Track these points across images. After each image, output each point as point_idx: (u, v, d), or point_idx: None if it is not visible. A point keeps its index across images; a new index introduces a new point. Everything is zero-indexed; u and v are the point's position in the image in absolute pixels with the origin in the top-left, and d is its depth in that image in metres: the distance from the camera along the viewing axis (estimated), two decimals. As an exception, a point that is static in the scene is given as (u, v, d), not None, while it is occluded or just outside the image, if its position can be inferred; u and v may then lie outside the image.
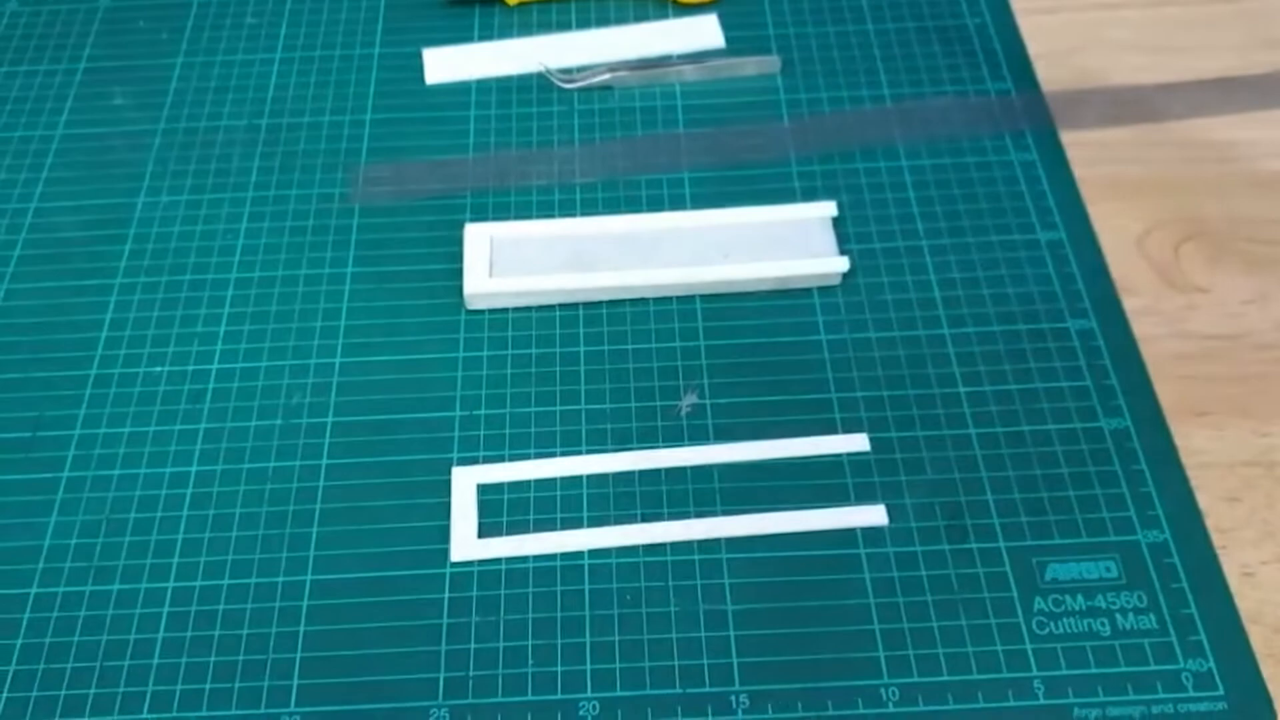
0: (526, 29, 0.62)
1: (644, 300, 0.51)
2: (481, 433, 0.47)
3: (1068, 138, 0.56)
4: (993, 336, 0.49)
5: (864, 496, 0.45)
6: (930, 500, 0.45)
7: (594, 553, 0.44)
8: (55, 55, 0.62)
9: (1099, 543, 0.44)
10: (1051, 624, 0.42)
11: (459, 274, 0.51)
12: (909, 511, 0.44)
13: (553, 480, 0.45)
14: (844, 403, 0.47)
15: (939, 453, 0.46)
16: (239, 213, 0.55)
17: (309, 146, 0.57)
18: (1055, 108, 0.57)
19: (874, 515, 0.44)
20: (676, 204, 0.54)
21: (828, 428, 0.46)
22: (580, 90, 0.58)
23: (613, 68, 0.58)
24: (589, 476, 0.45)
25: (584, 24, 0.62)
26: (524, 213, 0.53)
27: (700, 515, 0.44)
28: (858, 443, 0.46)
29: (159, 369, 0.49)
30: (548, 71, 0.59)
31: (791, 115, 0.57)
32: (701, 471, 0.46)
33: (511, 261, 0.51)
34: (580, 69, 0.59)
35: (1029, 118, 0.57)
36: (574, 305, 0.51)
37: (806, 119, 0.57)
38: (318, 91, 0.59)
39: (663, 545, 0.44)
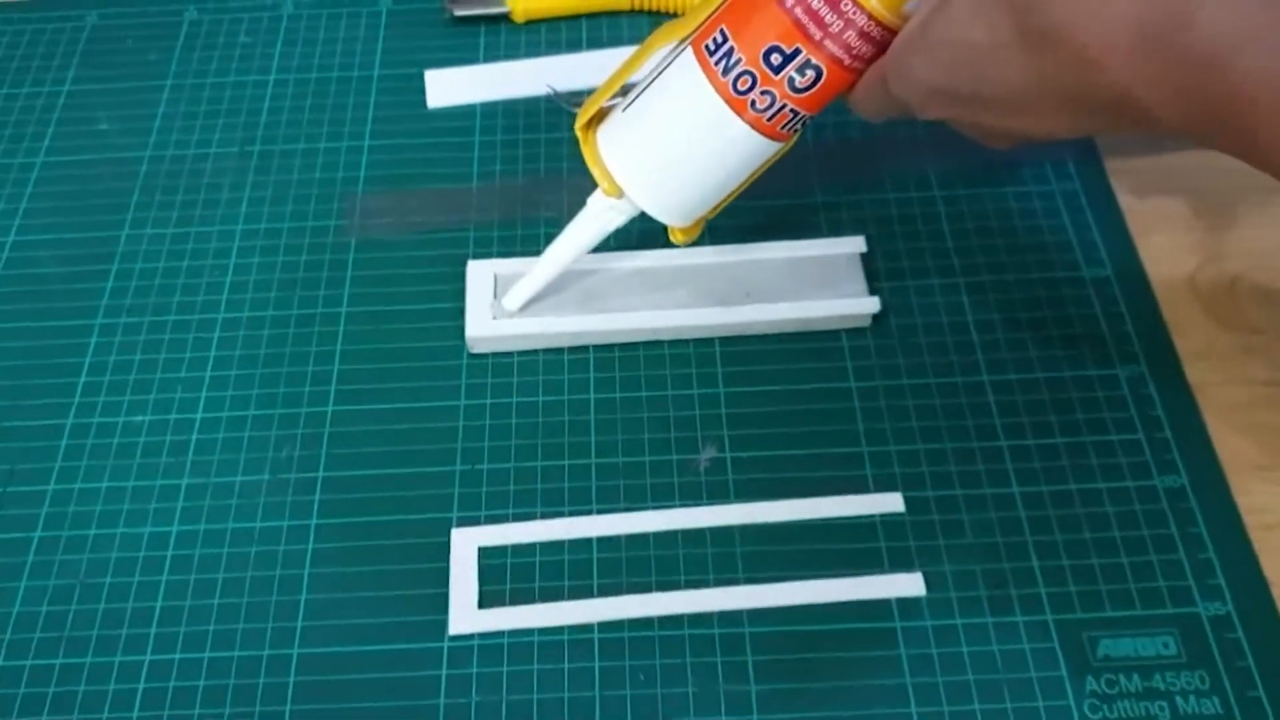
0: (535, 49, 0.59)
1: (659, 343, 0.47)
2: (484, 489, 0.44)
3: (1113, 165, 0.52)
4: (1036, 384, 0.45)
5: (899, 563, 0.41)
6: (971, 567, 0.41)
7: (605, 625, 0.40)
8: (38, 77, 0.59)
9: (1155, 615, 0.40)
10: (1105, 707, 0.38)
11: (461, 314, 0.47)
12: (948, 580, 0.41)
13: (560, 543, 0.42)
14: (876, 457, 0.44)
15: (980, 514, 0.42)
16: (228, 247, 0.51)
17: (303, 175, 0.54)
18: (1101, 137, 0.53)
19: (910, 584, 0.41)
20: (695, 242, 0.50)
21: (859, 485, 0.43)
22: (591, 115, 0.54)
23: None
24: (599, 539, 0.42)
25: (596, 43, 0.59)
26: (531, 247, 0.49)
27: (720, 583, 0.41)
28: (892, 502, 0.42)
29: (140, 418, 0.46)
30: (557, 95, 0.55)
31: (817, 141, 0.54)
32: (721, 534, 0.42)
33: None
34: (590, 92, 0.55)
35: (1070, 144, 0.53)
36: (584, 349, 0.47)
37: (832, 145, 0.54)
38: (313, 116, 0.56)
39: (680, 617, 0.40)
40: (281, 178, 0.54)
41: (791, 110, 0.40)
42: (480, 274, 0.48)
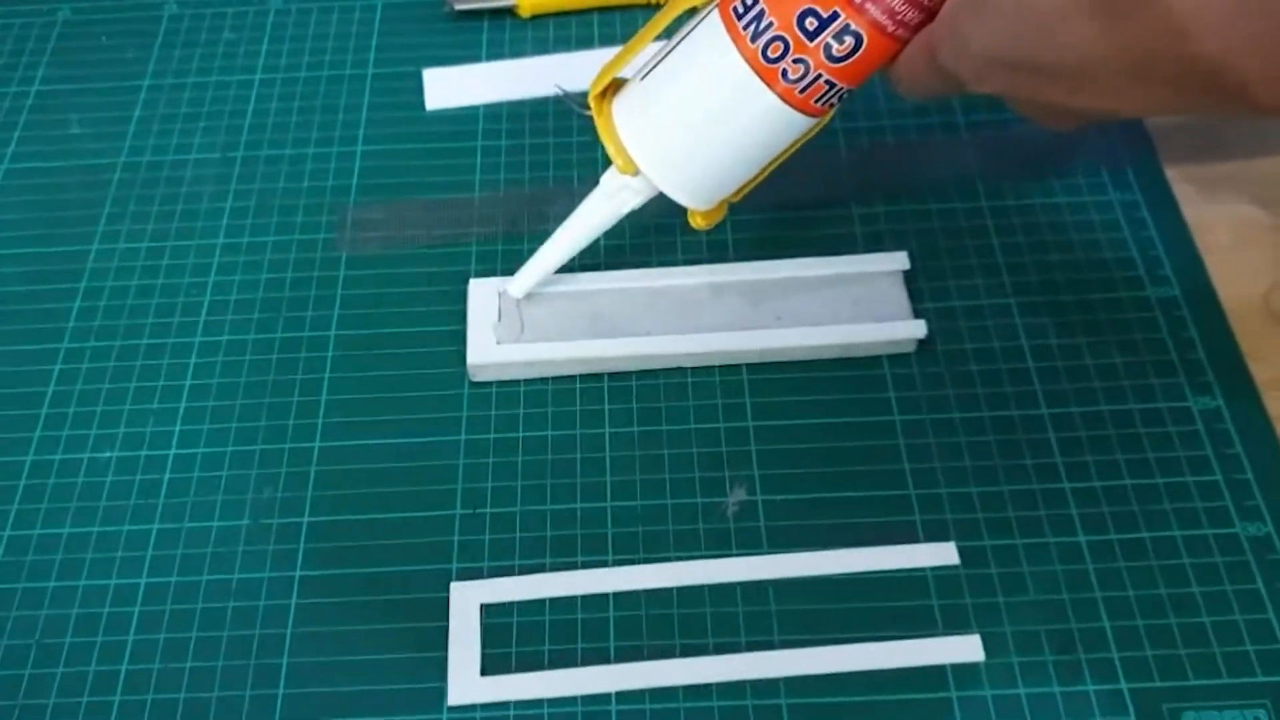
0: (542, 46, 0.54)
1: (681, 371, 0.43)
2: (487, 537, 0.39)
3: (1175, 173, 0.48)
4: (1100, 418, 0.41)
5: (954, 623, 0.37)
6: (1034, 628, 0.37)
7: (623, 695, 0.36)
8: (4, 75, 0.54)
9: (1244, 684, 0.35)
10: (1192, 792, 0.34)
11: (462, 338, 0.43)
12: (1009, 642, 0.36)
13: (573, 599, 0.38)
14: (925, 501, 0.39)
15: (1043, 566, 0.38)
16: (207, 263, 0.47)
17: (290, 184, 0.49)
18: (1158, 137, 0.49)
19: (967, 648, 0.36)
20: (718, 254, 0.46)
21: (906, 534, 0.38)
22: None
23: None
24: (616, 595, 0.38)
25: (608, 40, 0.54)
26: (539, 264, 0.45)
27: (753, 647, 0.36)
28: (944, 554, 0.38)
29: (107, 455, 0.42)
30: (567, 96, 0.51)
31: (850, 145, 0.49)
32: (754, 590, 0.38)
33: (524, 324, 0.43)
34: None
35: (1128, 149, 0.49)
36: (598, 377, 0.43)
37: (866, 148, 0.49)
38: (302, 119, 0.52)
39: (707, 687, 0.36)
40: (266, 186, 0.49)
41: (827, 82, 0.35)
42: (483, 293, 0.44)
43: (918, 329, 0.42)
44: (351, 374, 0.43)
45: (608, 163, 0.39)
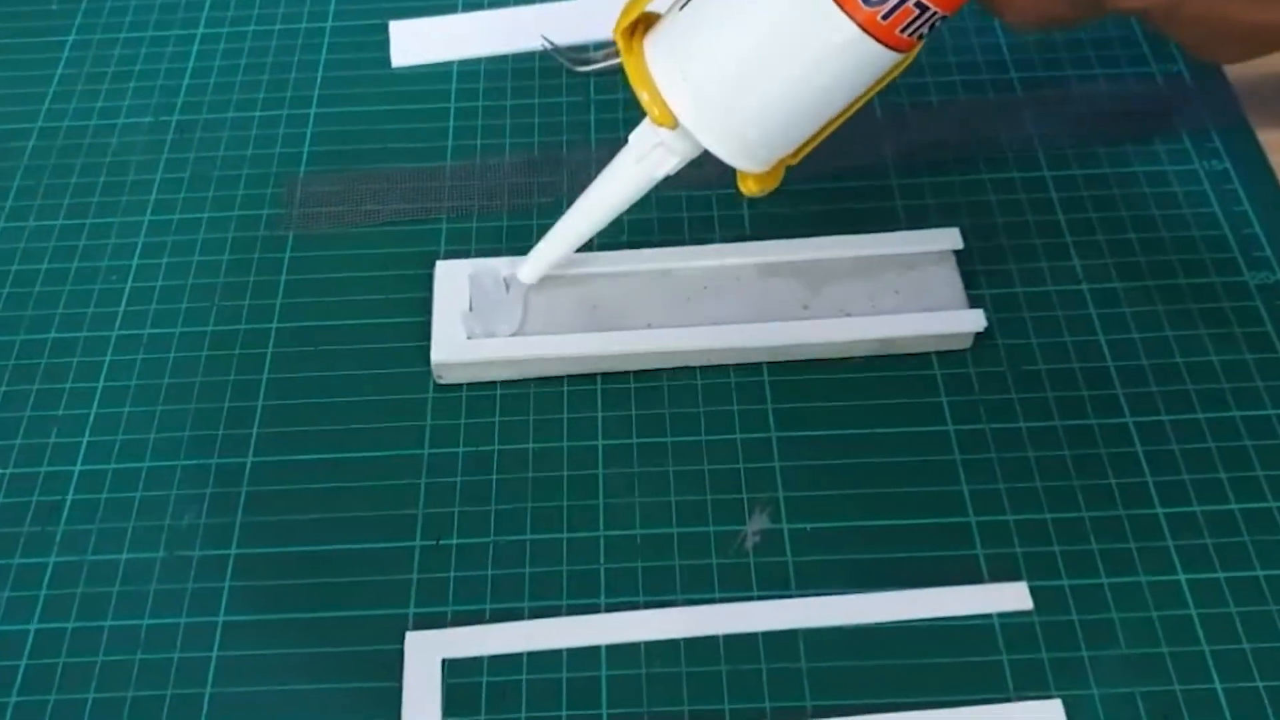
0: (527, -7, 0.48)
1: (689, 371, 0.36)
2: (452, 574, 0.33)
3: (1269, 138, 0.41)
4: (1196, 429, 0.34)
5: (1028, 682, 0.30)
6: (1128, 689, 0.30)
7: (619, 777, 0.29)
8: (-93, 31, 0.47)
9: (1395, 763, 0.28)
10: None
11: (427, 332, 0.36)
12: (1098, 708, 0.30)
13: (556, 654, 0.31)
14: (988, 531, 0.32)
15: (1137, 612, 0.31)
16: (130, 244, 0.40)
17: (231, 152, 0.43)
18: (1247, 97, 0.42)
19: (1045, 714, 0.29)
20: (731, 231, 0.39)
21: (967, 572, 0.32)
22: (598, 75, 0.44)
23: None
24: (610, 649, 0.31)
25: (604, -14, 0.47)
26: (521, 243, 0.39)
27: (780, 716, 0.29)
28: (1014, 596, 0.31)
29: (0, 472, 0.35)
30: (555, 50, 0.44)
31: (886, 105, 0.42)
32: (779, 641, 0.31)
33: (501, 315, 0.36)
34: (598, 46, 0.44)
35: (1213, 111, 0.42)
36: (589, 378, 0.36)
37: (908, 111, 0.43)
38: (249, 79, 0.45)
39: (724, 766, 0.29)
40: (204, 155, 0.43)
41: (918, 4, 0.28)
42: (451, 278, 0.37)
43: (975, 320, 0.35)
44: (294, 375, 0.37)
45: (601, 130, 0.32)
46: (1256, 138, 0.41)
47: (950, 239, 0.37)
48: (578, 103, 0.44)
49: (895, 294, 0.36)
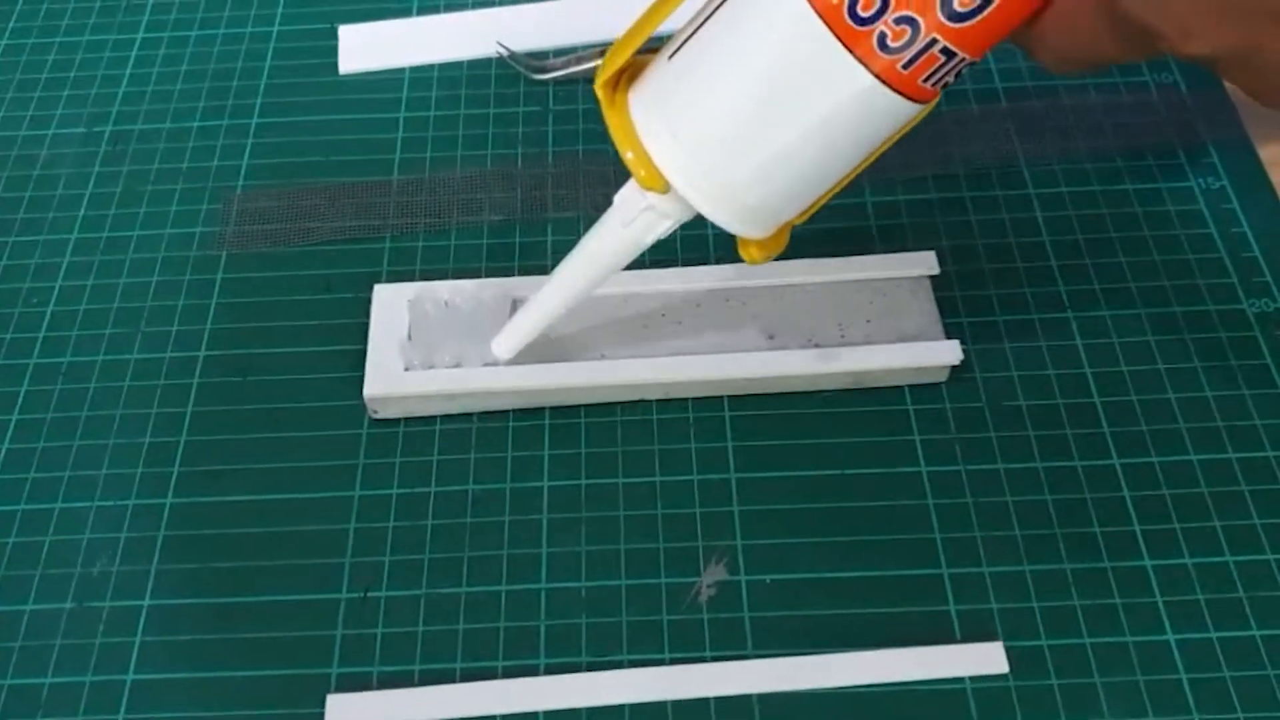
0: (484, -4, 0.45)
1: (644, 405, 0.34)
2: (380, 631, 0.30)
3: (1270, 154, 0.38)
4: (1189, 471, 0.32)
5: (1003, 759, 0.27)
6: (1115, 765, 0.27)
7: None
8: None
9: None
10: None
11: (364, 362, 0.33)
12: (1080, 786, 0.27)
13: (490, 721, 0.28)
14: (962, 584, 0.30)
15: (1122, 676, 0.29)
16: (53, 264, 0.38)
17: (166, 165, 0.40)
18: (1246, 110, 0.39)
19: (1021, 794, 0.27)
20: (694, 253, 0.36)
21: (938, 629, 0.29)
22: (557, 83, 0.41)
23: (603, 50, 0.40)
24: (548, 715, 0.28)
25: (567, -11, 0.45)
26: (470, 264, 0.36)
27: (731, 792, 0.27)
28: (989, 658, 0.29)
29: (-103, 513, 0.32)
30: (511, 57, 0.41)
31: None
32: (733, 708, 0.28)
33: (442, 343, 0.33)
34: (557, 53, 0.42)
35: (1210, 124, 0.39)
36: (536, 413, 0.34)
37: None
38: (188, 86, 0.43)
39: None
40: (137, 168, 0.40)
41: (944, 51, 0.25)
42: (390, 304, 0.35)
43: (950, 352, 0.33)
44: (220, 407, 0.34)
45: (559, 141, 0.29)
46: (1257, 154, 0.39)
47: (926, 263, 0.35)
48: (535, 112, 0.41)
49: (866, 323, 0.34)
